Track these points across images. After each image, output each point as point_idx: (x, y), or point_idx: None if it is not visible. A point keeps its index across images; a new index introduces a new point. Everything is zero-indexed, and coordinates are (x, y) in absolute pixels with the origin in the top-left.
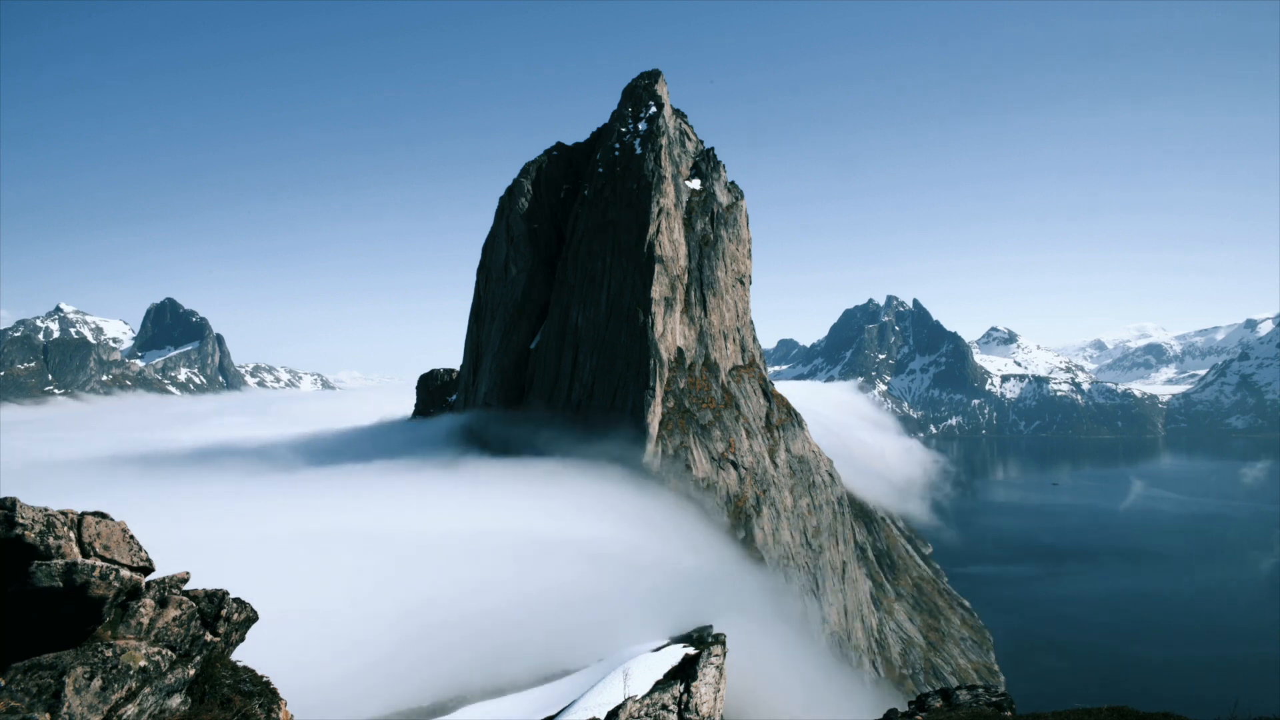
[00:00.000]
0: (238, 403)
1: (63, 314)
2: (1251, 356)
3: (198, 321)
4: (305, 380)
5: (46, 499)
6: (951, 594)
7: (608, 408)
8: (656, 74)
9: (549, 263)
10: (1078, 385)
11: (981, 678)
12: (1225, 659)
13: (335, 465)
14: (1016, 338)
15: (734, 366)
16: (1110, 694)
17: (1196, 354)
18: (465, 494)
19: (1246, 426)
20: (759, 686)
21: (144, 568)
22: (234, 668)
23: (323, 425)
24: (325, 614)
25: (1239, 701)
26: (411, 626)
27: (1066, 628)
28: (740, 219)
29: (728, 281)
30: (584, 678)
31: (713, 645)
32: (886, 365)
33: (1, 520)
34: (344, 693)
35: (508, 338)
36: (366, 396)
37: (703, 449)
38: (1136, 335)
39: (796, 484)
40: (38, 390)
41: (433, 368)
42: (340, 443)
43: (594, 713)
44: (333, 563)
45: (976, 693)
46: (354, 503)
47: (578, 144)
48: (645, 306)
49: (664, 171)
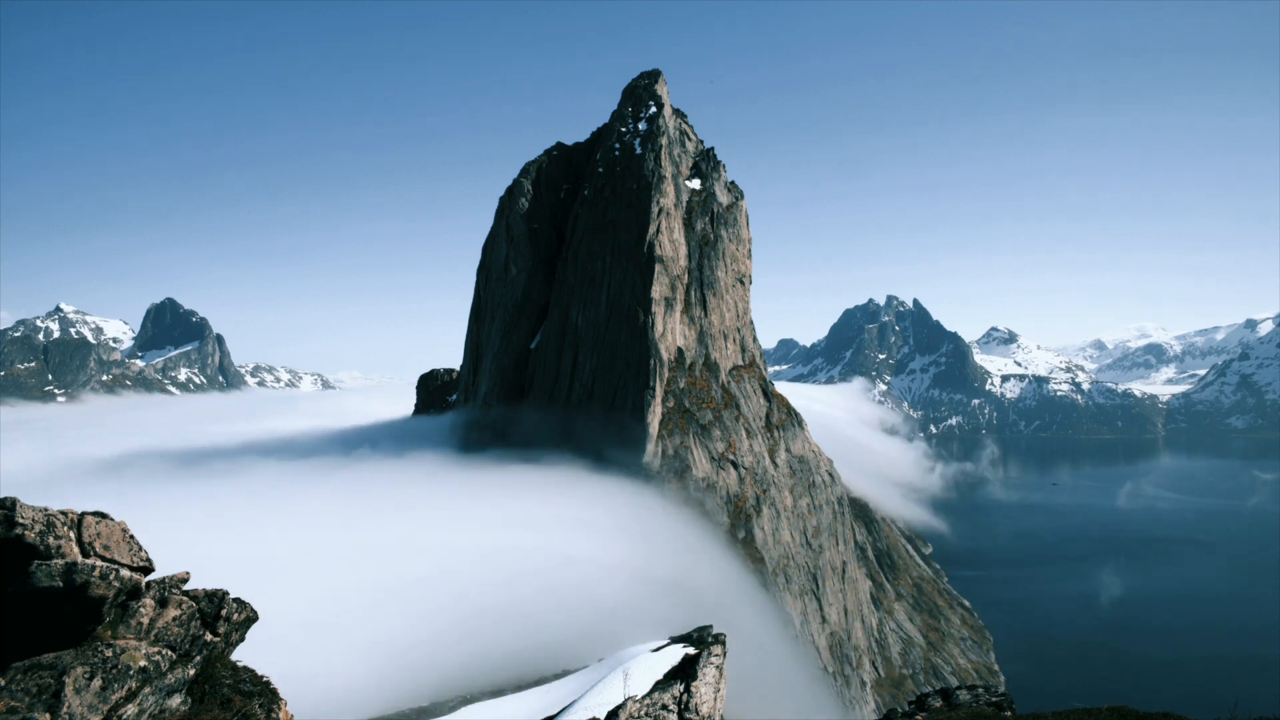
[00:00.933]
0: (239, 402)
1: (63, 314)
2: (1251, 356)
3: (198, 321)
4: (305, 380)
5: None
6: (951, 594)
7: (608, 407)
8: (656, 74)
9: (549, 263)
10: (1078, 385)
11: (981, 678)
12: (1225, 659)
13: (335, 465)
14: (1016, 338)
15: (734, 366)
16: (1110, 694)
17: (1196, 354)
18: (464, 498)
19: (1246, 426)
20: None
21: (144, 568)
22: (234, 668)
23: (325, 425)
24: (326, 614)
25: (1239, 701)
26: (411, 627)
27: (1066, 628)
28: (740, 219)
29: (728, 281)
30: (584, 678)
31: (713, 645)
32: (886, 365)
33: (1, 520)
34: (344, 693)
35: (508, 338)
36: (367, 396)
37: (703, 449)
38: (1136, 335)
39: (796, 484)
40: (38, 390)
41: (433, 368)
42: (342, 443)
43: (594, 713)
44: (333, 564)
45: (976, 693)
46: (355, 504)
47: (578, 144)
48: (645, 306)
49: (664, 171)
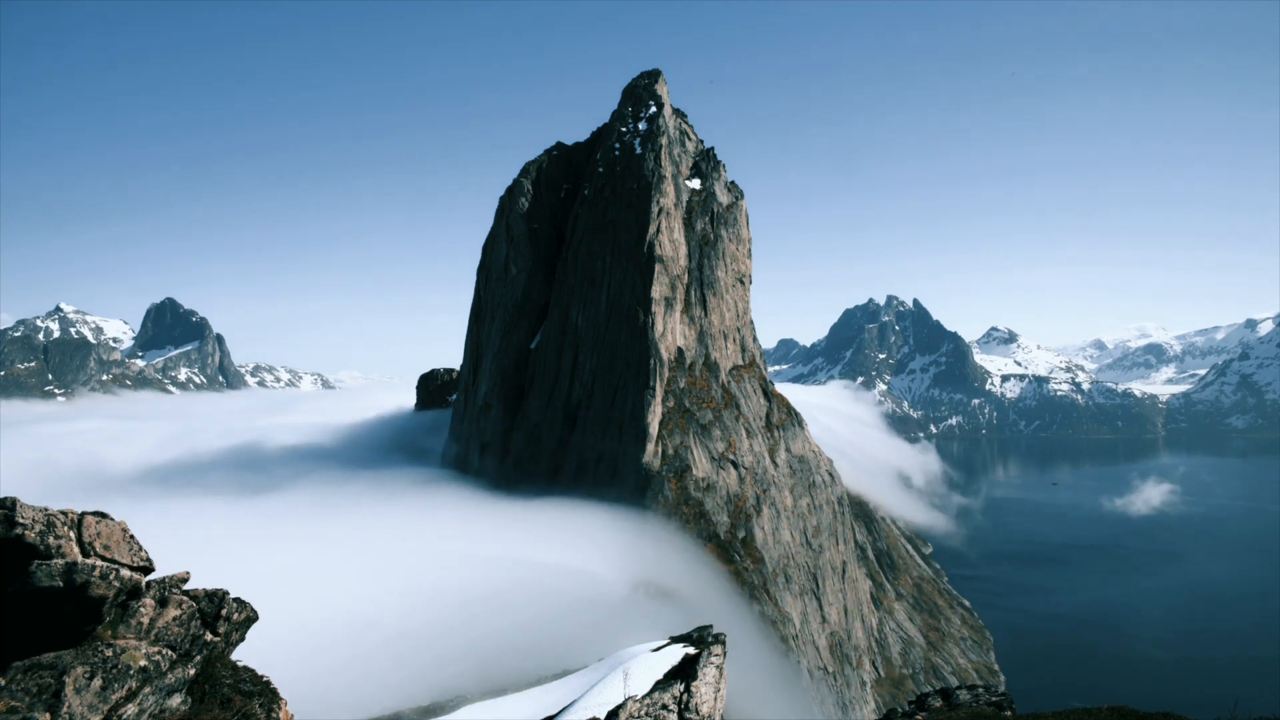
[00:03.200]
0: (239, 401)
1: (63, 314)
2: (1252, 356)
3: (198, 321)
4: (305, 380)
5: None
6: (951, 594)
7: (608, 407)
8: (656, 74)
9: (549, 263)
10: (1078, 385)
11: (981, 678)
12: (1225, 659)
13: (339, 465)
14: (1016, 337)
15: (734, 366)
16: (1110, 694)
17: (1196, 354)
18: (465, 503)
19: (1246, 426)
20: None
21: (144, 567)
22: (234, 667)
23: (328, 423)
24: (326, 614)
25: (1239, 701)
26: (412, 627)
27: (1066, 628)
28: (740, 218)
29: (728, 281)
30: (584, 678)
31: (713, 645)
32: (887, 365)
33: (2, 520)
34: (344, 692)
35: (508, 338)
36: (367, 396)
37: (703, 449)
38: (1136, 335)
39: (796, 484)
40: (38, 390)
41: (433, 367)
42: (344, 442)
43: (594, 713)
44: (334, 565)
45: (976, 693)
46: (356, 507)
47: (578, 144)
48: (645, 306)
49: (664, 171)
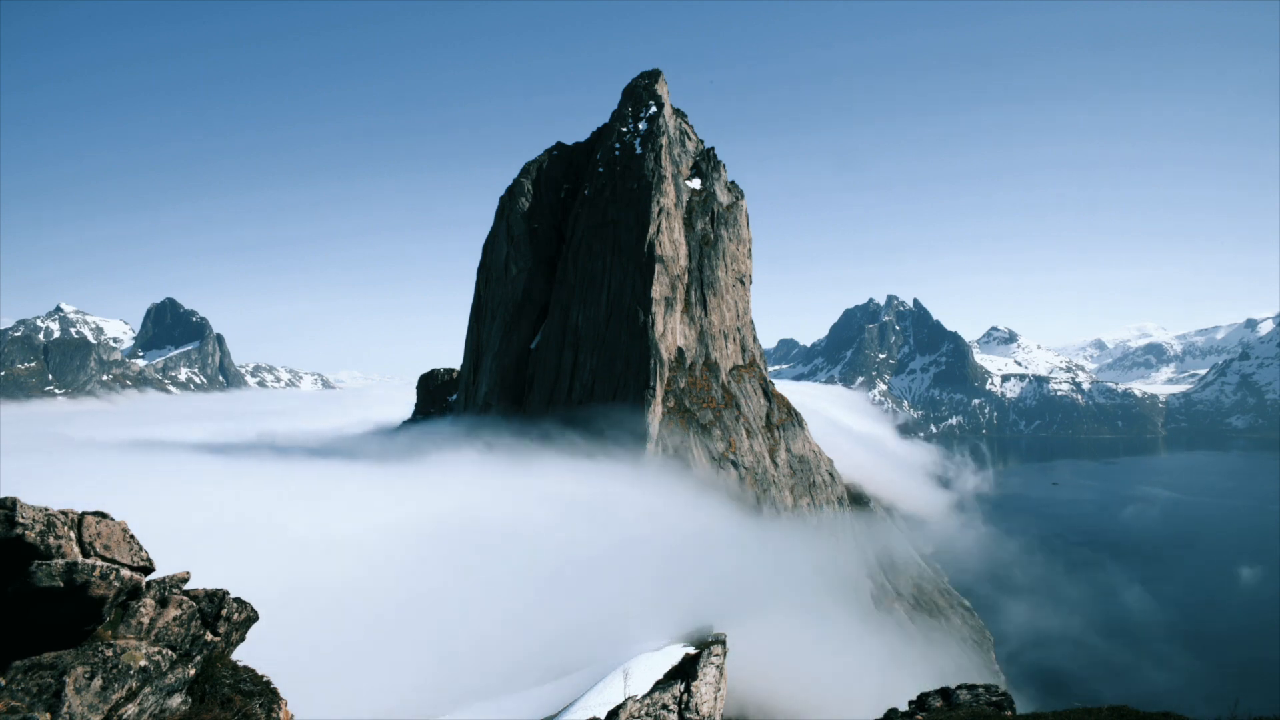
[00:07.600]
0: (239, 401)
1: (63, 314)
2: (1252, 356)
3: (198, 321)
4: (305, 380)
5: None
6: (951, 594)
7: (608, 407)
8: (656, 74)
9: (549, 262)
10: (1078, 385)
11: (982, 678)
12: (1225, 659)
13: (337, 467)
14: (1017, 337)
15: (734, 366)
16: (1110, 694)
17: (1197, 354)
18: (465, 495)
19: (1247, 426)
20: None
21: (144, 567)
22: (234, 667)
23: (329, 424)
24: (326, 614)
25: (1239, 701)
26: (412, 626)
27: (1066, 628)
28: (740, 218)
29: (728, 281)
30: (584, 677)
31: (713, 645)
32: (887, 365)
33: (2, 520)
34: (344, 692)
35: (508, 337)
36: (367, 396)
37: (703, 448)
38: (1136, 335)
39: (797, 483)
40: (38, 390)
41: (433, 367)
42: (346, 442)
43: (594, 712)
44: (334, 564)
45: (976, 693)
46: (356, 508)
47: (578, 144)
48: (645, 306)
49: (664, 171)
